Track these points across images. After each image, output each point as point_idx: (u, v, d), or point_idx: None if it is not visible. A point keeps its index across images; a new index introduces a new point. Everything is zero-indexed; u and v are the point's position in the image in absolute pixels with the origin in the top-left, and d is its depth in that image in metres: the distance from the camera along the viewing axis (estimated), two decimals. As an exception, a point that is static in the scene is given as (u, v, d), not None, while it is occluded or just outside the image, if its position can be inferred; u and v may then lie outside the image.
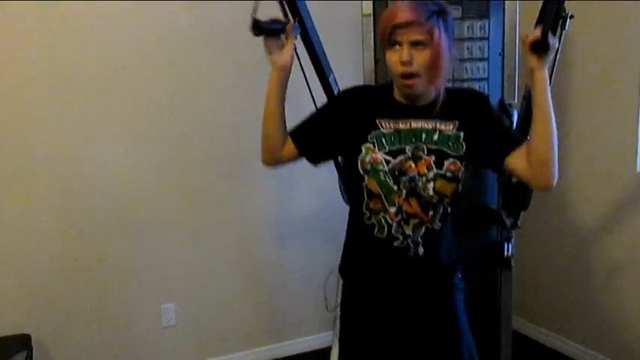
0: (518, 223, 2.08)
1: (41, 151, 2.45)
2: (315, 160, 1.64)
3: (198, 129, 2.74)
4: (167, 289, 2.76)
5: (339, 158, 2.16)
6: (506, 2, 2.20)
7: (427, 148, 1.49)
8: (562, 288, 2.89)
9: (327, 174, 2.28)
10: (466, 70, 2.23)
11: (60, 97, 2.46)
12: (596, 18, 2.57)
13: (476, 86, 2.23)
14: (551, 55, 1.36)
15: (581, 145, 2.74)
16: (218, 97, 2.76)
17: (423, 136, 1.49)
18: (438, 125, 1.50)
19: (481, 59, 2.22)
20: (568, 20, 1.51)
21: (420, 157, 1.49)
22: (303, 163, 1.63)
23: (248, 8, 1.72)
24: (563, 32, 1.53)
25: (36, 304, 2.51)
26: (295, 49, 1.73)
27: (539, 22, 1.51)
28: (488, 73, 2.23)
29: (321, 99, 1.97)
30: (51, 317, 2.54)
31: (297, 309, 3.05)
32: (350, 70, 2.63)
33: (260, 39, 1.52)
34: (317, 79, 1.99)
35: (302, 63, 1.80)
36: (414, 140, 1.50)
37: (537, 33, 1.34)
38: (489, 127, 1.50)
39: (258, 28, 1.50)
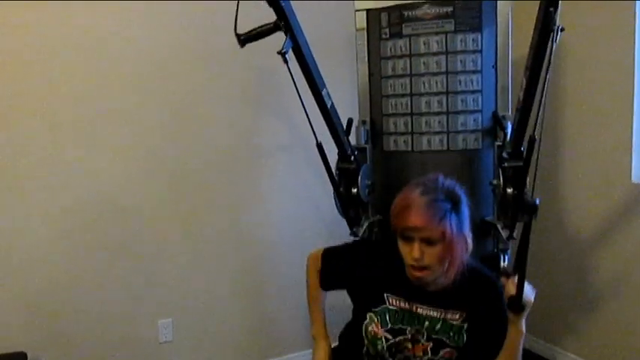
0: (514, 234, 2.08)
1: (39, 167, 2.44)
2: (327, 288, 1.79)
3: (198, 145, 2.74)
4: (164, 304, 2.74)
5: (333, 171, 2.15)
6: (498, 15, 2.21)
7: (427, 335, 1.52)
8: (559, 298, 2.88)
9: (329, 198, 2.30)
10: (460, 82, 2.24)
11: (58, 113, 2.46)
12: (589, 31, 2.59)
13: (469, 99, 2.24)
14: (528, 311, 1.40)
15: (577, 156, 2.74)
16: (216, 116, 2.75)
17: (426, 323, 1.52)
18: (444, 314, 1.52)
19: (474, 72, 2.23)
20: (559, 33, 1.51)
21: (419, 341, 1.52)
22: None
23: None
24: (555, 45, 1.54)
25: (32, 321, 2.48)
26: (287, 63, 1.75)
27: (512, 267, 1.54)
28: (482, 85, 2.24)
29: (315, 113, 1.98)
30: (47, 334, 2.51)
31: (294, 325, 3.02)
32: (345, 84, 2.65)
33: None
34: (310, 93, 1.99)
35: (295, 77, 1.82)
36: (416, 324, 1.53)
37: (512, 289, 1.37)
38: (488, 331, 1.50)
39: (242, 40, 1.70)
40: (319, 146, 1.92)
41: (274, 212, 2.92)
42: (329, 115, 2.00)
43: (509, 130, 2.14)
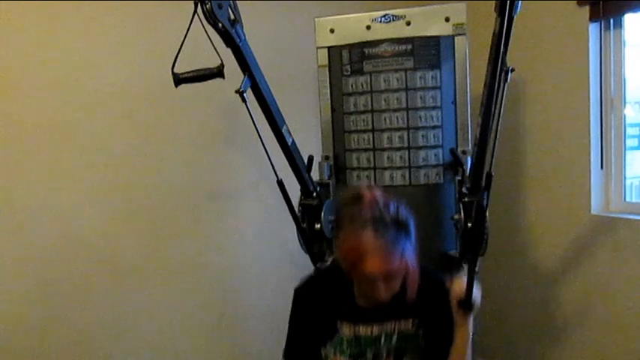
0: (476, 268, 2.08)
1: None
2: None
3: (163, 179, 2.71)
4: (133, 343, 2.68)
5: (296, 207, 2.15)
6: (456, 52, 2.26)
7: (387, 349, 1.52)
8: (524, 329, 2.89)
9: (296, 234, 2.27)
10: (420, 118, 2.27)
11: (20, 149, 2.42)
12: (543, 64, 2.66)
13: (430, 135, 2.27)
14: (475, 312, 1.43)
15: (538, 189, 2.78)
16: (180, 153, 2.74)
17: (382, 340, 1.51)
18: (397, 325, 1.52)
19: (434, 107, 2.26)
20: (510, 73, 1.56)
21: (380, 359, 1.52)
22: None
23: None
24: (506, 84, 1.57)
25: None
26: (246, 102, 1.75)
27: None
28: (442, 120, 2.28)
29: (277, 150, 1.99)
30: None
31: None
32: (307, 120, 2.66)
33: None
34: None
35: (256, 114, 1.82)
36: (374, 344, 1.52)
37: (461, 290, 1.40)
38: (440, 331, 1.50)
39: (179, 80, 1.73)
40: (280, 183, 1.92)
41: (241, 250, 2.89)
42: (290, 151, 2.01)
43: (468, 165, 2.17)
